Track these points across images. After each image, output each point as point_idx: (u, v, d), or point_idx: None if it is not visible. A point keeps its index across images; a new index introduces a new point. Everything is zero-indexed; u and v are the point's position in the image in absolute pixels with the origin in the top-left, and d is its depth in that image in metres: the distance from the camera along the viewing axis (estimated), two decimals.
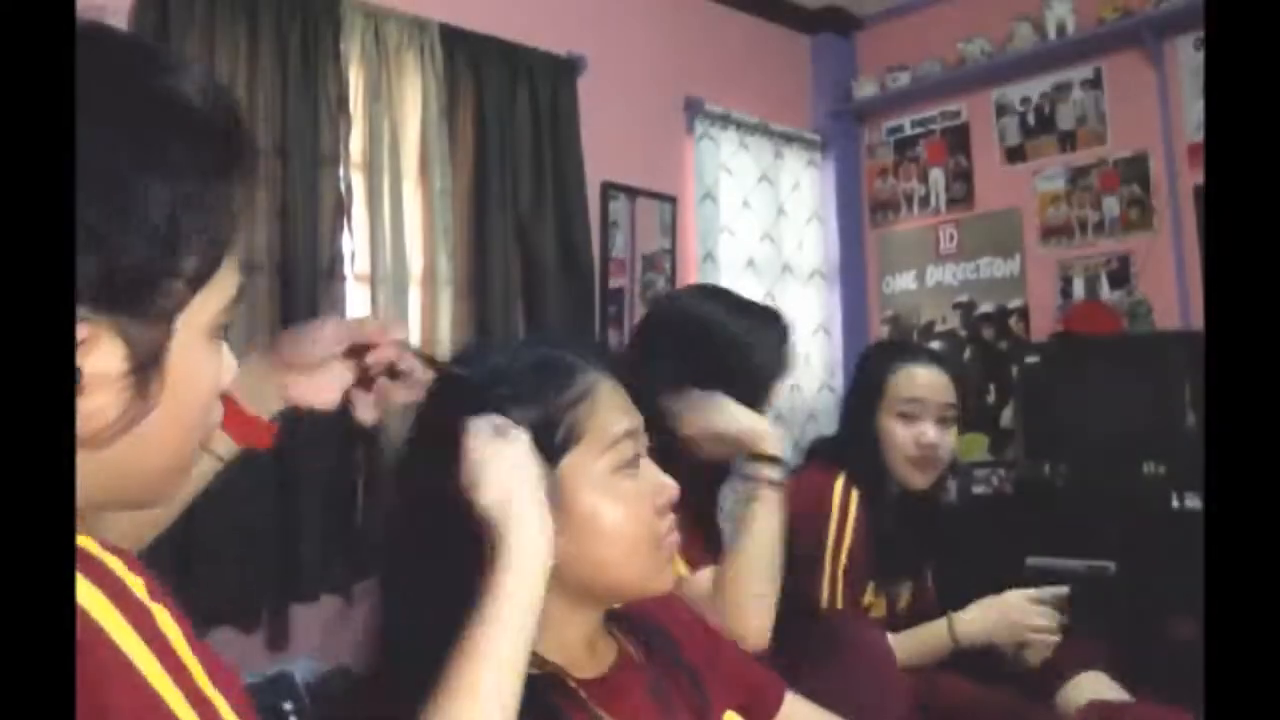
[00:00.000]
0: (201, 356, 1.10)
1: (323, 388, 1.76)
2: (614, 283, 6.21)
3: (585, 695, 1.69)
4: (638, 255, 6.37)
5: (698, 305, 3.04)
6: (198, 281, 1.04)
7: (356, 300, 4.90)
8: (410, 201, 5.18)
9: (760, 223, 7.03)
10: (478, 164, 5.47)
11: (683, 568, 2.59)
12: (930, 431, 3.41)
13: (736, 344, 2.90)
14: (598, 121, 6.07)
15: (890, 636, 3.09)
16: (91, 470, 0.99)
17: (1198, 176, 5.98)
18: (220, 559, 4.33)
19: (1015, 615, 3.18)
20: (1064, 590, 3.23)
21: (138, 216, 0.94)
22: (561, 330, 5.67)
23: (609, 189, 6.24)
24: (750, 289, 6.73)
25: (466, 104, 5.49)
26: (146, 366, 1.00)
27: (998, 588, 3.28)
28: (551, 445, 1.65)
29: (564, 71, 5.93)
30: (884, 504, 3.39)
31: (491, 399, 1.64)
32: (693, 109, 6.74)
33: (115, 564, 0.93)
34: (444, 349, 5.10)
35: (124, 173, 0.94)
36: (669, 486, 1.76)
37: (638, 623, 1.89)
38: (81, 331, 0.92)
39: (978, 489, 6.35)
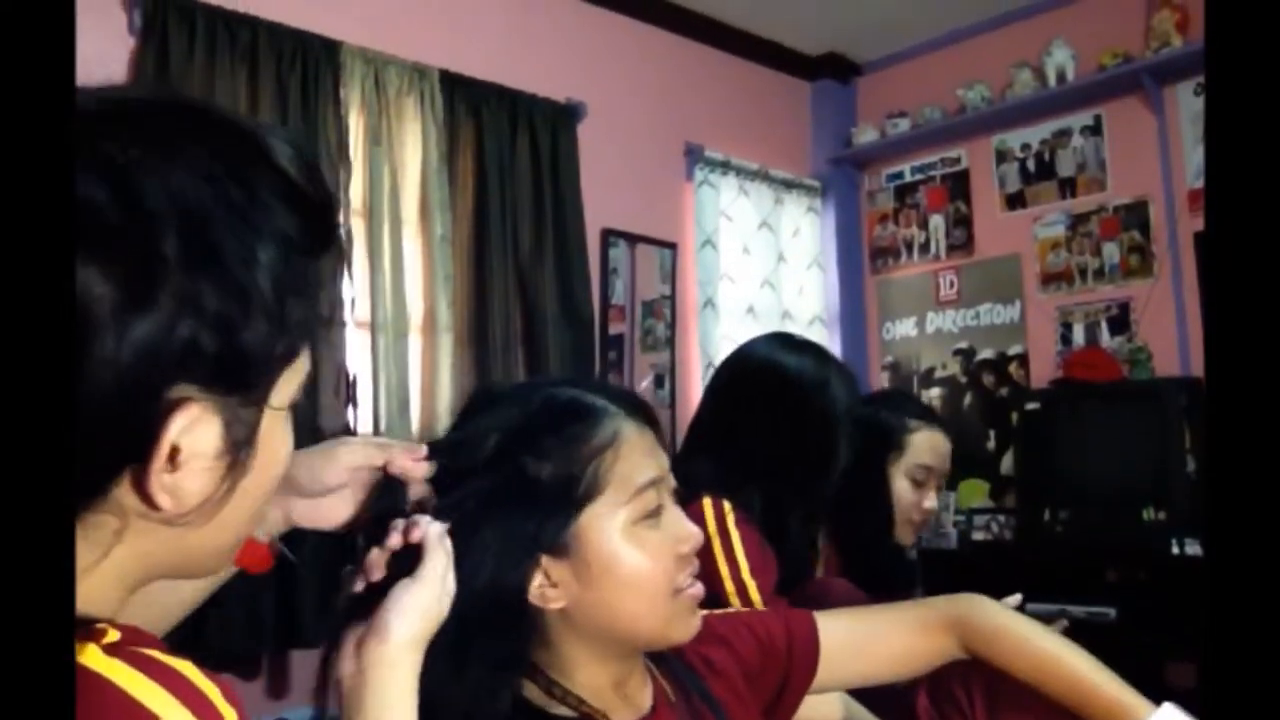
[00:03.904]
0: (281, 436, 1.09)
1: (330, 513, 1.64)
2: (614, 329, 6.22)
3: None
4: (638, 302, 6.38)
5: (784, 355, 3.09)
6: (289, 360, 1.03)
7: (356, 346, 4.89)
8: (410, 248, 5.19)
9: (760, 269, 7.03)
10: (478, 210, 5.48)
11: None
12: (933, 498, 3.43)
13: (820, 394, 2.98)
14: (598, 168, 6.09)
15: None
16: (160, 542, 0.99)
17: (1198, 223, 5.98)
18: (220, 605, 4.32)
19: None
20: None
21: (257, 296, 0.94)
22: (581, 374, 5.69)
23: (609, 235, 6.25)
24: (750, 335, 6.74)
25: (466, 150, 5.51)
26: (240, 447, 0.99)
27: None
28: (572, 498, 1.61)
29: (564, 118, 5.95)
30: (882, 558, 3.38)
31: (507, 455, 1.61)
32: (693, 155, 6.76)
33: (188, 669, 0.91)
34: (444, 395, 5.11)
35: (243, 250, 0.93)
36: (692, 535, 1.72)
37: (666, 660, 1.86)
38: (191, 412, 0.91)
39: (978, 535, 6.33)
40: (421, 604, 1.43)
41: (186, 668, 0.90)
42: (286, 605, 4.56)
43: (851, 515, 3.34)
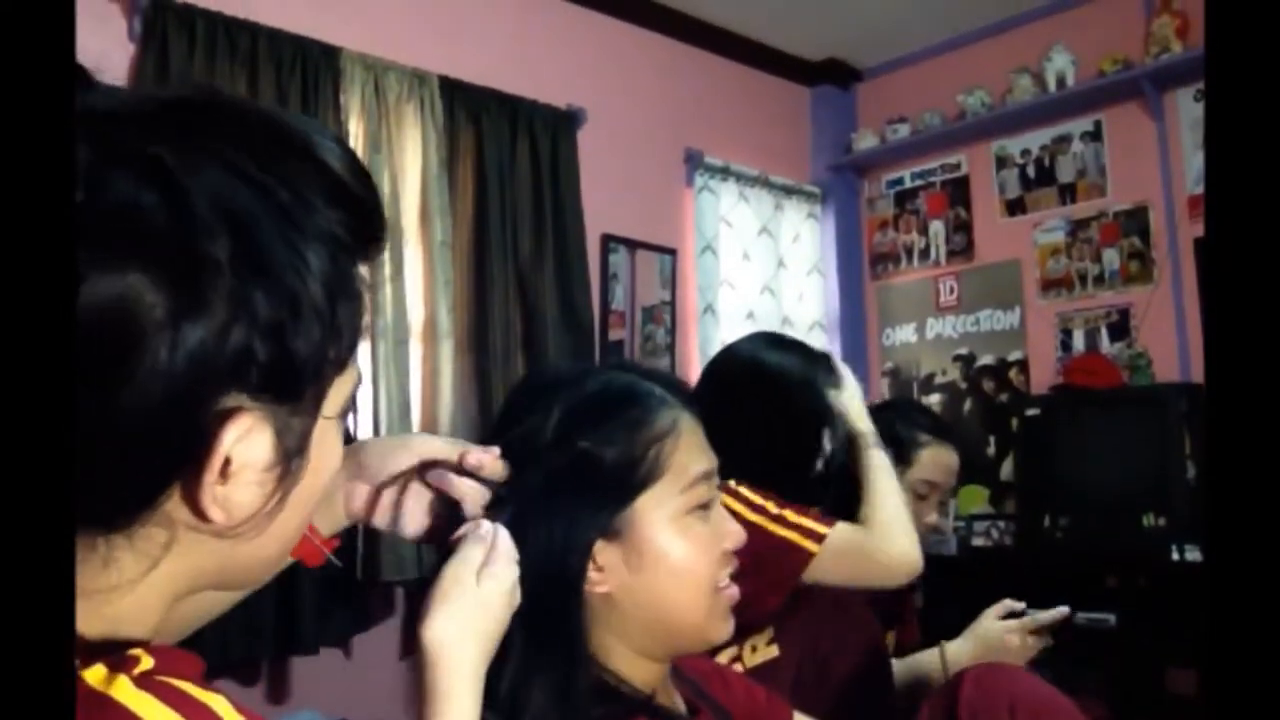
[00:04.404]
0: (334, 442, 1.08)
1: (388, 509, 1.61)
2: (614, 335, 6.21)
3: None
4: (638, 308, 6.38)
5: (767, 354, 3.16)
6: (341, 366, 1.02)
7: (356, 353, 4.87)
8: (410, 254, 5.19)
9: (760, 275, 7.03)
10: (478, 216, 5.49)
11: (822, 527, 2.74)
12: (935, 515, 3.43)
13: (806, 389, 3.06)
14: (598, 174, 6.10)
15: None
16: (208, 554, 0.98)
17: (1198, 229, 5.98)
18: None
19: (997, 642, 3.16)
20: (1044, 617, 3.19)
21: (308, 301, 0.91)
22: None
23: (609, 241, 6.25)
24: None
25: (467, 156, 5.52)
26: (292, 456, 0.97)
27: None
28: (631, 482, 1.63)
29: (564, 124, 5.96)
30: None
31: (568, 439, 1.62)
32: (692, 161, 6.76)
33: (220, 705, 0.90)
34: (445, 401, 5.11)
35: (292, 255, 0.91)
36: (735, 533, 1.76)
37: (683, 679, 1.88)
38: (244, 422, 0.90)
39: (978, 541, 6.33)
40: (448, 599, 1.43)
41: (218, 702, 0.88)
42: (286, 611, 4.55)
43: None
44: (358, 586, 4.81)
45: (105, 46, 4.48)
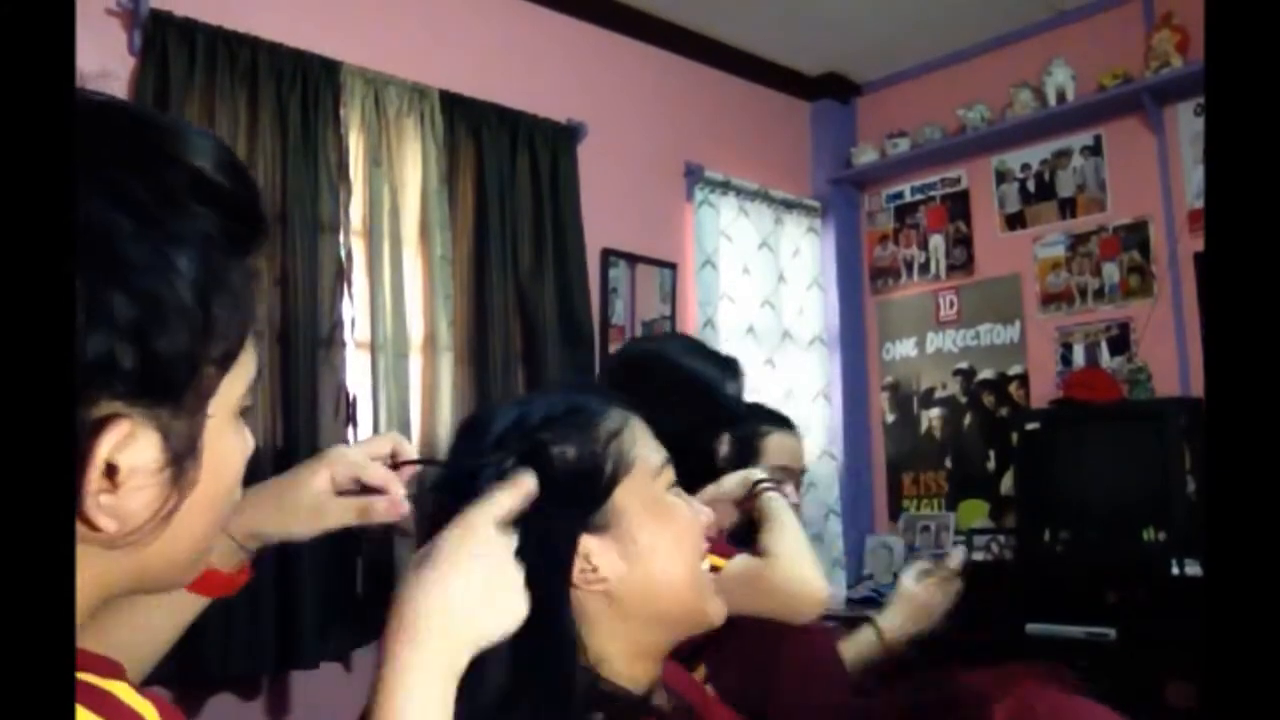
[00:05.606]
0: (231, 441, 1.07)
1: (312, 525, 1.61)
2: (614, 349, 6.18)
3: None
4: (637, 322, 6.37)
5: (662, 347, 3.30)
6: (226, 364, 1.01)
7: (356, 366, 4.90)
8: (410, 268, 5.19)
9: (760, 289, 7.03)
10: (478, 230, 5.48)
11: (719, 560, 2.67)
12: (795, 495, 3.47)
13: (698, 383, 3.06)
14: (598, 188, 6.09)
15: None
16: (113, 561, 0.97)
17: (1198, 243, 5.97)
18: (220, 625, 4.30)
19: (922, 599, 3.20)
20: (952, 564, 3.23)
21: (172, 301, 0.90)
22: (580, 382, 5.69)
23: (609, 255, 6.25)
24: (750, 356, 6.71)
25: (467, 170, 5.51)
26: (183, 457, 0.97)
27: (997, 654, 3.26)
28: (602, 480, 1.65)
29: (564, 138, 5.95)
30: None
31: (533, 443, 1.63)
32: (692, 175, 6.75)
33: (148, 711, 0.90)
34: (444, 415, 5.10)
35: (153, 257, 0.90)
36: (707, 510, 1.80)
37: (668, 689, 1.87)
38: (121, 428, 0.89)
39: (977, 555, 6.32)
40: (455, 560, 1.36)
41: (119, 688, 0.89)
42: (286, 625, 4.54)
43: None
44: (359, 601, 4.80)
45: (105, 60, 4.47)
